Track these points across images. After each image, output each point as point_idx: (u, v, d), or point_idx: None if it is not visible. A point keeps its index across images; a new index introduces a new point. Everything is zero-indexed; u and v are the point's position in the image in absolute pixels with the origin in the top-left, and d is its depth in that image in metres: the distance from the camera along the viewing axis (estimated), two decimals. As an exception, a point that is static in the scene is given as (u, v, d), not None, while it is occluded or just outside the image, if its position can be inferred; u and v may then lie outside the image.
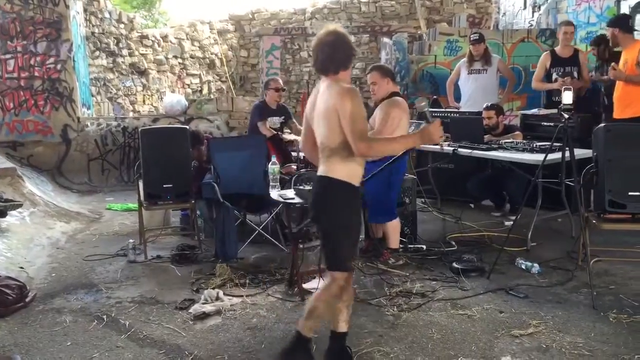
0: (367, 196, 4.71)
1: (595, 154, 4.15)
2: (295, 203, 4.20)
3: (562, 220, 5.73)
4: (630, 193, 3.92)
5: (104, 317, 3.90)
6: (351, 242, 3.04)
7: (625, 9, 7.85)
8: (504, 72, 7.40)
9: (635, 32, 6.62)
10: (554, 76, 6.49)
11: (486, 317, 3.76)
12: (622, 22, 5.85)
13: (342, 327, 3.13)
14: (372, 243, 5.09)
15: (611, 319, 3.67)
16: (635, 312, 3.77)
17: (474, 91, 7.21)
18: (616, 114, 5.81)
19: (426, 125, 2.97)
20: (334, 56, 2.96)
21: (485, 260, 4.76)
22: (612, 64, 5.79)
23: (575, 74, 6.47)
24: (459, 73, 7.44)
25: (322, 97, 2.97)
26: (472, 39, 7.31)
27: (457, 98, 7.68)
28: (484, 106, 6.38)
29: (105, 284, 4.53)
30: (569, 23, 6.90)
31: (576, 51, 6.74)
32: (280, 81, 6.75)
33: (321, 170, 3.00)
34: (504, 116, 6.51)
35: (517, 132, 6.18)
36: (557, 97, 6.32)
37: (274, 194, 4.39)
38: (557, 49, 6.82)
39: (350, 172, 2.94)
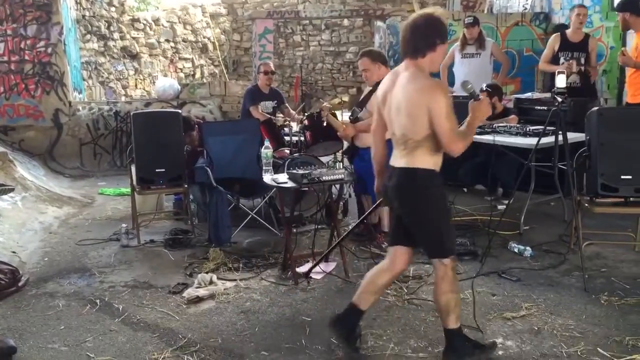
0: (370, 180, 4.72)
1: (588, 137, 4.15)
2: (289, 187, 4.19)
3: (555, 204, 5.75)
4: (622, 177, 3.93)
5: (97, 301, 3.90)
6: (449, 225, 3.02)
7: (619, -8, 7.82)
8: (498, 56, 7.35)
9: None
10: (562, 60, 6.37)
11: (479, 300, 3.77)
12: (632, 6, 5.73)
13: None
14: (367, 227, 5.09)
15: (602, 302, 3.70)
16: (626, 294, 3.80)
17: (467, 75, 7.15)
18: (628, 99, 5.79)
19: (475, 104, 2.92)
20: (423, 36, 2.86)
21: (478, 244, 4.77)
22: (622, 49, 5.74)
23: (583, 60, 6.34)
24: (453, 57, 7.40)
25: (405, 89, 2.86)
26: (466, 22, 7.26)
27: (452, 83, 7.65)
28: (480, 88, 6.36)
29: (98, 269, 4.53)
30: (582, 5, 6.71)
31: (587, 36, 6.55)
32: (271, 64, 6.73)
33: (403, 162, 2.93)
34: (500, 98, 6.44)
35: (513, 116, 6.17)
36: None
37: (267, 178, 4.38)
38: (568, 32, 6.58)
39: (437, 162, 2.93)
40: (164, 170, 5.16)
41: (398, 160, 2.98)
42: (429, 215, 2.95)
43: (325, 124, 5.36)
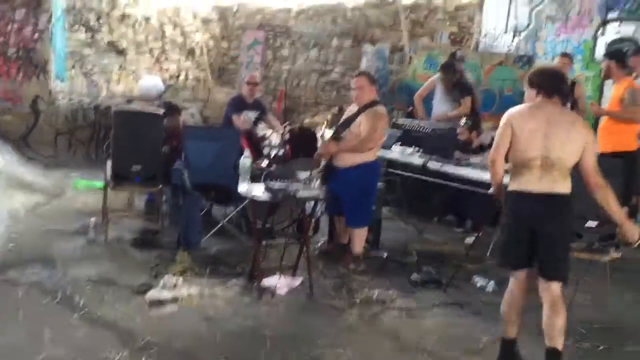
0: (346, 201, 4.77)
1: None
2: (263, 199, 4.21)
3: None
4: (586, 225, 4.05)
5: (59, 293, 3.86)
6: None
7: (601, 44, 8.08)
8: (465, 105, 7.38)
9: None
10: None
11: (438, 330, 3.83)
12: (619, 56, 5.92)
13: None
14: (335, 247, 5.13)
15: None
16: (582, 338, 3.87)
17: (447, 110, 7.30)
18: (600, 148, 5.96)
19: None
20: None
21: (443, 274, 4.83)
22: (591, 101, 5.92)
23: (569, 106, 6.44)
24: (432, 88, 7.47)
25: (564, 122, 3.21)
26: (458, 56, 7.42)
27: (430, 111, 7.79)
28: (460, 123, 6.51)
29: (62, 260, 4.48)
30: (564, 54, 6.85)
31: (573, 83, 6.47)
32: (256, 76, 6.82)
33: (556, 188, 3.18)
34: (478, 133, 6.59)
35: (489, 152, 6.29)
36: None
37: (243, 188, 4.40)
38: None
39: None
40: (139, 168, 5.13)
41: (548, 185, 3.19)
42: (568, 237, 3.36)
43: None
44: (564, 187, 3.19)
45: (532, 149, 3.17)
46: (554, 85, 3.30)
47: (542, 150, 3.15)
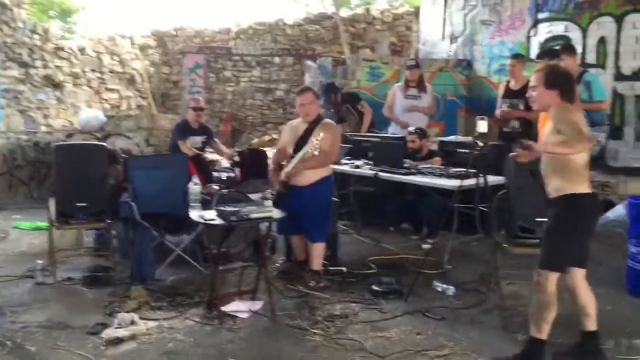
0: (308, 218, 4.73)
1: (507, 181, 4.35)
2: (217, 224, 4.12)
3: (477, 243, 5.94)
4: (537, 219, 4.12)
5: (8, 342, 3.67)
6: None
7: (535, 44, 8.35)
8: (430, 100, 7.58)
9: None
10: (504, 106, 6.55)
11: (404, 339, 3.82)
12: (554, 54, 6.03)
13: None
14: (293, 265, 5.08)
15: (519, 339, 3.81)
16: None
17: (409, 116, 7.39)
18: None
19: None
20: None
21: (403, 283, 4.84)
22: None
23: (521, 106, 6.41)
24: (394, 96, 7.58)
25: None
26: (408, 64, 7.56)
27: (382, 125, 7.88)
28: (408, 130, 6.58)
29: (10, 307, 4.27)
30: (515, 56, 6.88)
31: (527, 83, 6.78)
32: (201, 100, 6.74)
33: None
34: (427, 139, 6.68)
35: (437, 158, 6.39)
36: (505, 128, 6.53)
37: (195, 214, 4.30)
38: (512, 83, 6.70)
39: None
40: (85, 204, 4.98)
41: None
42: None
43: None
44: None
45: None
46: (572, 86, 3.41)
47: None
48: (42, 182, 8.09)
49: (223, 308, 4.20)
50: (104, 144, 5.57)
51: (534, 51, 8.11)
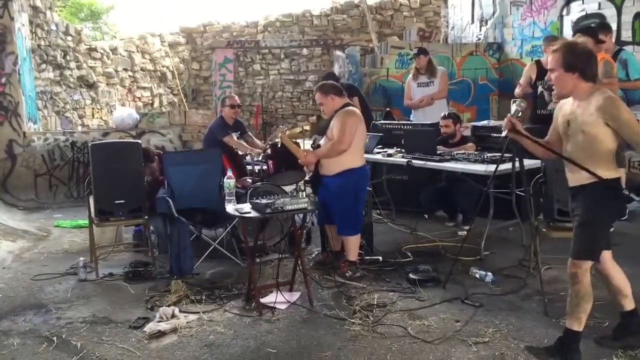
0: (335, 210, 4.73)
1: (543, 164, 4.27)
2: (252, 217, 4.16)
3: (514, 229, 5.87)
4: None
5: (54, 338, 3.76)
6: None
7: (568, 23, 8.16)
8: (440, 83, 7.47)
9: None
10: (540, 88, 6.35)
11: (443, 327, 3.80)
12: (594, 32, 5.86)
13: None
14: (329, 256, 5.09)
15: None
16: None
17: (428, 108, 7.35)
18: None
19: None
20: None
21: (440, 270, 4.82)
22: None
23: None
24: (410, 87, 7.58)
25: None
26: (413, 53, 7.58)
27: (408, 112, 7.84)
28: (442, 115, 6.50)
29: (55, 304, 4.38)
30: (551, 38, 6.65)
31: None
32: (236, 98, 6.80)
33: None
34: (461, 125, 6.59)
35: (470, 144, 6.30)
36: (542, 111, 6.31)
37: (230, 208, 4.34)
38: (544, 61, 6.44)
39: None
40: (123, 201, 5.07)
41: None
42: None
43: (280, 145, 5.37)
44: None
45: None
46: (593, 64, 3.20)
47: None
48: (81, 181, 8.26)
49: (261, 300, 4.24)
50: (139, 141, 5.65)
51: (567, 31, 7.93)
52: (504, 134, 3.53)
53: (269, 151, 5.81)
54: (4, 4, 8.03)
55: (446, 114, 6.48)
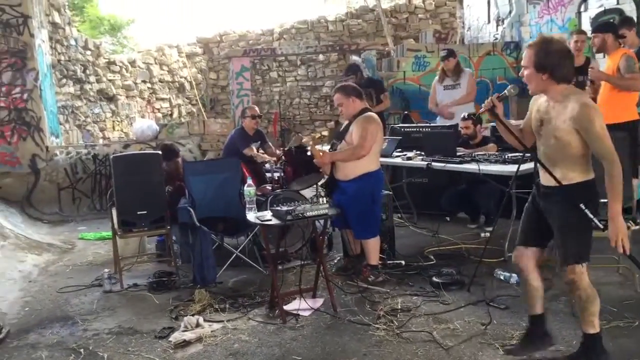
0: (352, 214, 4.72)
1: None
2: (273, 224, 4.16)
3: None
4: (602, 200, 3.97)
5: (81, 350, 3.80)
6: None
7: (586, 19, 8.07)
8: (468, 86, 7.37)
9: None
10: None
11: (469, 330, 3.76)
12: (613, 28, 5.77)
13: None
14: (351, 261, 5.08)
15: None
16: (614, 317, 3.81)
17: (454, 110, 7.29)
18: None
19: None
20: None
21: (464, 273, 4.78)
22: (591, 65, 5.81)
23: (589, 83, 6.14)
24: (435, 90, 7.49)
25: None
26: (441, 55, 7.44)
27: (431, 116, 7.78)
28: (461, 117, 6.45)
29: (81, 316, 4.42)
30: (580, 32, 6.63)
31: (587, 59, 6.48)
32: (256, 109, 6.90)
33: None
34: (481, 126, 6.53)
35: (492, 144, 6.24)
36: None
37: (251, 216, 4.35)
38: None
39: None
40: (145, 212, 5.12)
41: None
42: None
43: (294, 152, 5.39)
44: None
45: None
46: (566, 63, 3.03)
47: None
48: (104, 193, 8.36)
49: (285, 307, 4.23)
50: (159, 152, 5.70)
51: (586, 27, 7.84)
52: (481, 110, 3.36)
53: (283, 158, 5.84)
54: (24, 22, 8.18)
55: (465, 115, 6.43)
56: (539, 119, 3.17)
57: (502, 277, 4.65)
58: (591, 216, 2.76)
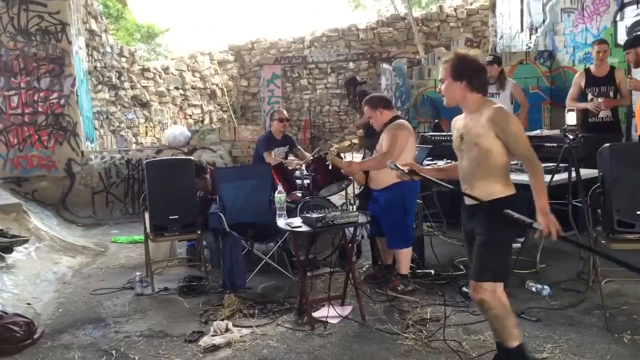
0: (385, 223, 4.71)
1: (601, 173, 4.15)
2: (304, 231, 4.18)
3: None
4: (638, 212, 3.91)
5: (113, 352, 3.86)
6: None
7: (622, 29, 7.93)
8: (517, 97, 7.13)
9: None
10: (590, 96, 6.24)
11: (499, 342, 3.71)
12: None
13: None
14: (381, 269, 5.06)
15: (626, 341, 3.62)
16: (645, 331, 3.73)
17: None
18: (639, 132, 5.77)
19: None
20: None
21: (495, 284, 4.71)
22: (629, 75, 5.72)
23: (612, 94, 6.21)
24: None
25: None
26: (486, 60, 7.27)
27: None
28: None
29: (113, 318, 4.50)
30: (602, 41, 6.55)
31: (612, 69, 6.38)
32: (285, 112, 6.88)
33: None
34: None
35: None
36: (592, 118, 6.22)
37: (281, 222, 4.38)
38: (592, 67, 6.45)
39: None
40: (177, 217, 5.19)
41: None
42: None
43: (330, 167, 5.40)
44: None
45: None
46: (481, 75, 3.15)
47: None
48: (136, 198, 8.49)
49: (313, 314, 4.24)
50: (191, 157, 5.78)
51: (622, 36, 7.70)
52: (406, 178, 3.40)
53: (312, 166, 5.85)
54: (62, 29, 8.38)
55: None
56: (458, 136, 3.23)
57: (533, 289, 4.58)
58: (517, 215, 2.75)
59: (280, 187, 4.97)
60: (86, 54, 9.96)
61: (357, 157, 5.63)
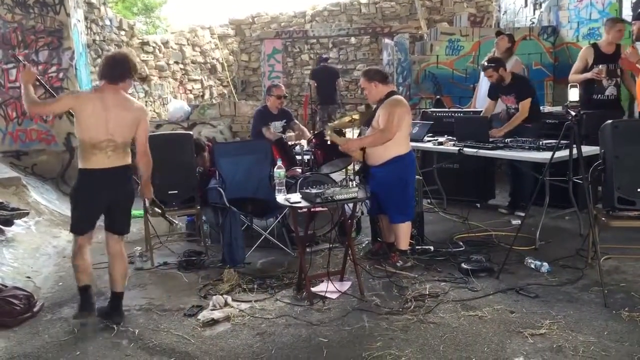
0: (386, 198, 4.70)
1: (602, 150, 4.12)
2: (302, 206, 4.17)
3: (570, 218, 5.71)
4: (639, 189, 3.89)
5: (113, 325, 3.88)
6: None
7: (627, 4, 7.81)
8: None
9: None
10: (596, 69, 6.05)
11: (497, 318, 3.73)
12: None
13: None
14: (382, 245, 5.06)
15: (624, 317, 3.64)
16: (642, 307, 3.74)
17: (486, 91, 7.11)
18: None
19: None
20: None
21: (493, 260, 4.73)
22: (630, 46, 5.63)
23: (619, 71, 6.11)
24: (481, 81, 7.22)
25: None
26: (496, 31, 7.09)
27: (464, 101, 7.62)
28: (481, 66, 6.28)
29: (112, 292, 4.50)
30: (622, 20, 6.39)
31: (618, 47, 6.22)
32: (283, 88, 6.78)
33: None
34: (504, 68, 6.09)
35: (525, 101, 5.94)
36: (598, 95, 6.12)
37: (281, 198, 4.37)
38: (601, 44, 6.28)
39: None
40: (176, 192, 5.18)
41: None
42: None
43: (329, 142, 5.36)
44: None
45: None
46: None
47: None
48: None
49: (312, 289, 4.25)
50: (191, 132, 5.74)
51: (627, 12, 7.59)
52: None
53: (314, 141, 5.81)
54: (60, 1, 8.27)
55: (484, 64, 6.19)
56: None
57: (532, 266, 4.59)
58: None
59: (279, 162, 4.94)
60: (85, 27, 9.83)
61: (357, 132, 5.59)
